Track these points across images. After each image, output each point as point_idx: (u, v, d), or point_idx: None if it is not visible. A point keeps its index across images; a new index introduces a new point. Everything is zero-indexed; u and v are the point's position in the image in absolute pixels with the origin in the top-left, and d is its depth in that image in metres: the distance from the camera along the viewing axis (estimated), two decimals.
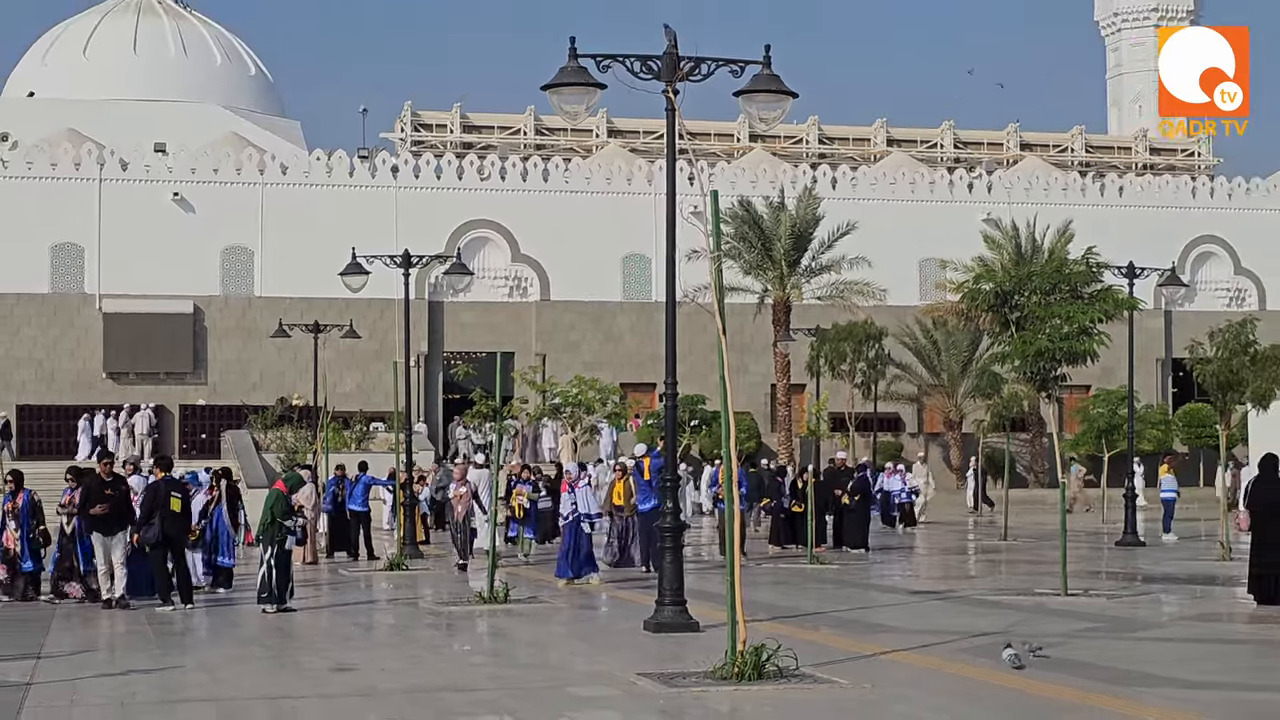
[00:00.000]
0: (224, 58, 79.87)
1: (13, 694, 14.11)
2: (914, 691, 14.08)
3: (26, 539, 22.52)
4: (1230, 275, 68.86)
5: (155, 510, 22.49)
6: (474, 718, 13.15)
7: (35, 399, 57.28)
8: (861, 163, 73.17)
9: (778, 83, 17.65)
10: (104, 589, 21.58)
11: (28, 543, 22.58)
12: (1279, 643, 18.27)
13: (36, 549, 22.82)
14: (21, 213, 58.70)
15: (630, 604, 21.61)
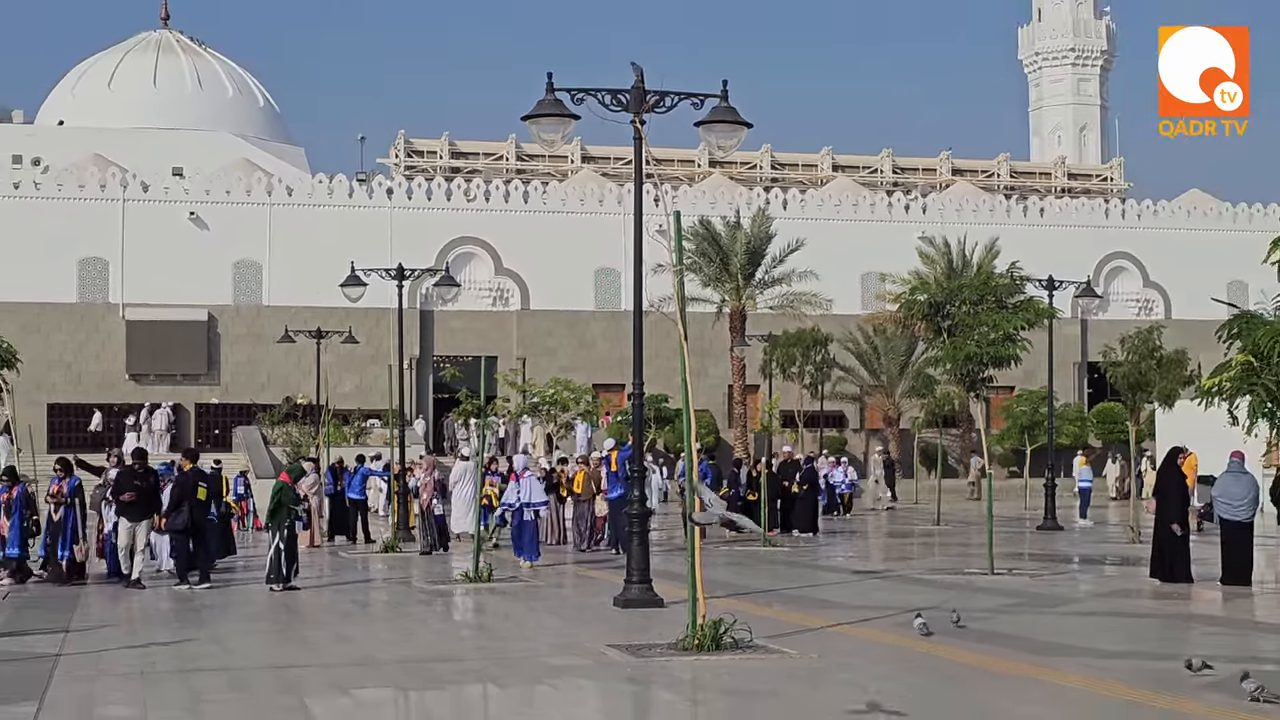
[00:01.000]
0: (235, 90, 79.75)
1: (44, 664, 14.07)
2: (857, 660, 14.11)
3: (19, 528, 22.16)
4: (1139, 288, 69.12)
5: (185, 499, 22.50)
6: (460, 685, 13.14)
7: (64, 398, 57.10)
8: (809, 186, 73.31)
9: (734, 114, 17.68)
10: (129, 569, 21.44)
11: (19, 531, 22.20)
12: (1180, 616, 18.37)
13: (26, 538, 22.46)
14: (52, 230, 58.51)
15: (601, 582, 21.65)
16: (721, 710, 11.92)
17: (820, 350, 52.79)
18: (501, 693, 12.73)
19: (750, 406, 55.76)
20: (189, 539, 22.36)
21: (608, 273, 62.12)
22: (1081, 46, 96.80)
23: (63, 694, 12.47)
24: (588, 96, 17.74)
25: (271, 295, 60.10)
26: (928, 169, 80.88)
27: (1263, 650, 14.85)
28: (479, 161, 75.30)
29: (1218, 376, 16.58)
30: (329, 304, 51.15)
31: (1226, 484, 21.85)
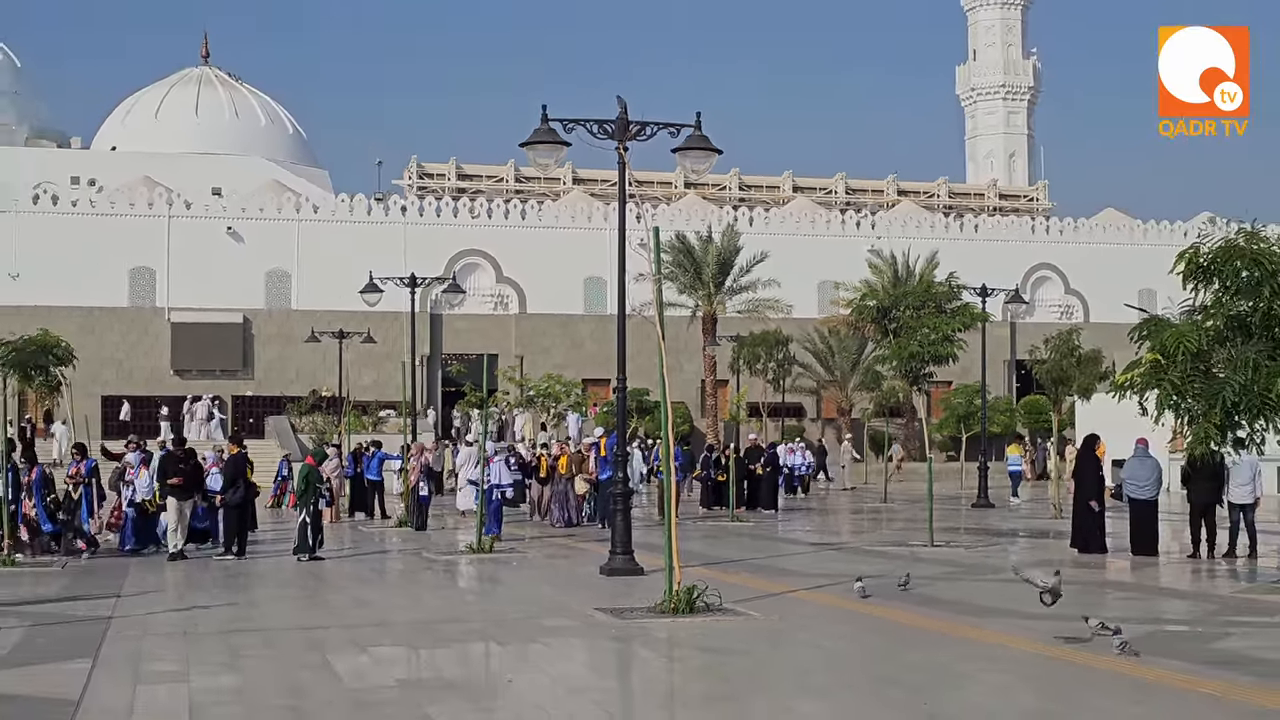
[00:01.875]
0: (267, 120, 79.55)
1: (98, 626, 14.06)
2: (814, 622, 14.15)
3: (41, 506, 21.83)
4: (1061, 295, 69.26)
5: (238, 478, 22.56)
6: (465, 643, 13.16)
7: (116, 391, 56.93)
8: (772, 205, 73.33)
9: (706, 142, 17.70)
10: (171, 544, 21.35)
11: (43, 509, 21.87)
12: (1094, 582, 18.44)
13: (52, 513, 22.07)
14: (105, 242, 58.41)
15: (588, 553, 21.64)
16: (695, 666, 11.94)
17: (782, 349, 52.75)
18: (501, 650, 12.74)
19: (720, 399, 55.73)
20: (239, 513, 22.40)
21: (595, 281, 62.08)
22: (1011, 83, 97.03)
23: (114, 651, 12.47)
24: (578, 126, 17.76)
25: (299, 300, 60.03)
26: (876, 190, 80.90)
27: (1165, 611, 14.92)
28: (482, 183, 75.22)
29: (1129, 373, 16.61)
30: (350, 308, 51.08)
31: (1133, 467, 22.00)
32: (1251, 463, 20.32)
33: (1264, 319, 15.22)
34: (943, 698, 10.15)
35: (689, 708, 10.21)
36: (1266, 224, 17.19)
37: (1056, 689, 10.35)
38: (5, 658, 12.16)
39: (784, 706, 9.81)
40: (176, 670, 11.51)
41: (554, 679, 11.17)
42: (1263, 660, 11.52)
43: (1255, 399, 15.06)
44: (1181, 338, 15.46)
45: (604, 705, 10.19)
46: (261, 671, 11.45)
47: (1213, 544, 21.05)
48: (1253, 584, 17.83)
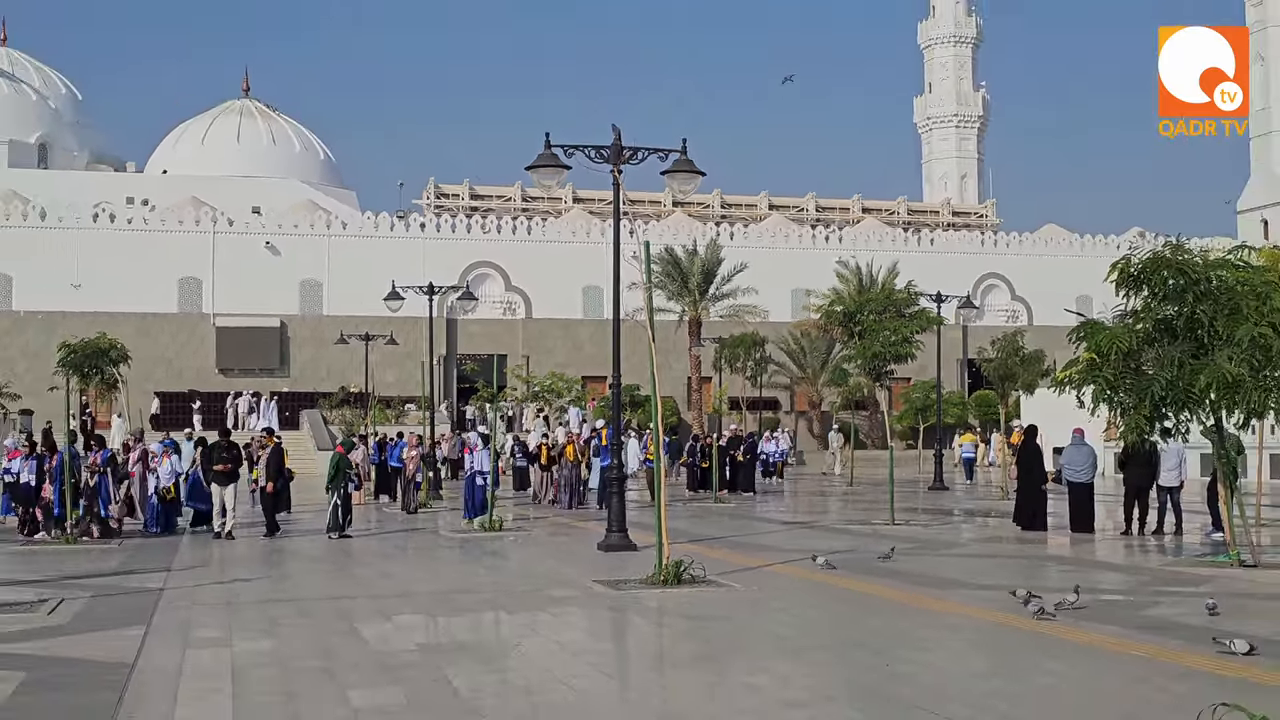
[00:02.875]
0: (302, 147, 79.44)
1: (150, 597, 14.04)
2: (789, 592, 14.15)
3: (59, 491, 20.90)
4: (1008, 301, 69.30)
5: (281, 468, 22.67)
6: (478, 612, 13.13)
7: (167, 388, 56.84)
8: (751, 221, 73.32)
9: (691, 165, 17.69)
10: (216, 524, 21.32)
11: (58, 494, 20.96)
12: (1038, 557, 18.46)
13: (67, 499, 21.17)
14: (158, 256, 58.35)
15: (588, 532, 21.63)
16: (682, 631, 11.93)
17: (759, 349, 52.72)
18: (510, 617, 12.72)
19: (704, 394, 55.78)
20: (273, 498, 22.39)
21: (593, 289, 62.04)
22: (963, 113, 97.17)
23: (165, 620, 12.44)
24: (577, 151, 17.74)
25: (330, 307, 59.95)
26: (843, 208, 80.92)
27: (1101, 582, 14.92)
28: (492, 201, 75.16)
29: (1068, 370, 16.63)
30: (375, 313, 50.97)
31: (1071, 454, 22.04)
32: (1178, 450, 20.37)
33: (1187, 322, 15.24)
34: (904, 659, 10.14)
35: (677, 668, 10.20)
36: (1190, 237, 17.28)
37: (1008, 653, 10.36)
38: (68, 625, 12.13)
39: (761, 666, 9.80)
40: (220, 636, 11.49)
41: (558, 643, 11.16)
42: (1187, 626, 11.52)
43: (1180, 393, 15.09)
44: (1114, 339, 15.48)
45: (601, 666, 10.18)
46: (296, 637, 11.42)
47: (1144, 522, 21.09)
48: (1179, 558, 17.84)
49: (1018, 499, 22.88)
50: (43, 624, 12.18)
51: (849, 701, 8.62)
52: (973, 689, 9.01)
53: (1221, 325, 14.88)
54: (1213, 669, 9.42)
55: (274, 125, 79.46)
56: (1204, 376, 14.72)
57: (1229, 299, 14.96)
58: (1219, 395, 14.95)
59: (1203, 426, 15.87)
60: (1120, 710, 8.29)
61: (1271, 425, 16.19)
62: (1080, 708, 8.40)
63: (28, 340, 55.57)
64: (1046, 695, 8.77)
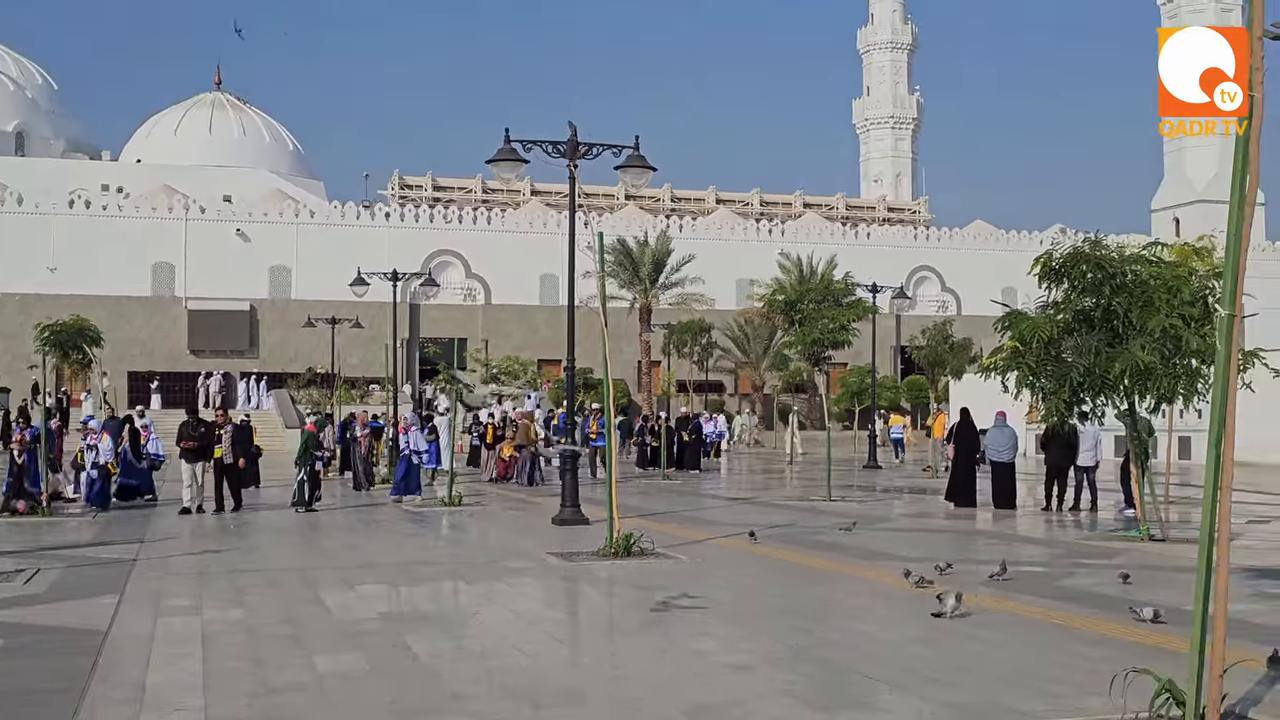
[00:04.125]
0: (271, 138, 78.73)
1: (124, 567, 13.92)
2: (732, 564, 14.21)
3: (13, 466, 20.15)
4: (938, 292, 69.82)
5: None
6: (437, 581, 13.12)
7: (141, 368, 56.37)
8: (699, 215, 73.38)
9: (643, 161, 17.67)
10: (185, 499, 20.66)
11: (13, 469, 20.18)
12: (964, 531, 18.63)
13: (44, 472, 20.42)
14: (132, 241, 57.73)
15: (542, 506, 21.62)
16: (631, 600, 11.96)
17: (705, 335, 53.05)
18: (469, 587, 12.71)
19: (654, 377, 55.91)
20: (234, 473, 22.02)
21: (549, 277, 61.95)
22: (898, 115, 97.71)
23: (138, 589, 12.33)
24: (535, 146, 17.67)
25: (298, 292, 59.55)
26: (785, 203, 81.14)
27: (1021, 555, 15.07)
28: (454, 193, 74.79)
29: (994, 357, 16.79)
30: (341, 298, 50.66)
31: (994, 435, 22.23)
32: (1094, 432, 20.62)
33: (1104, 313, 15.41)
34: (838, 627, 10.23)
35: (626, 635, 10.23)
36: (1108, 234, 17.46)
37: (935, 621, 10.45)
38: (44, 594, 12.01)
39: (703, 631, 9.85)
40: (191, 605, 11.40)
41: (514, 612, 11.17)
42: (1101, 595, 11.69)
43: (1097, 379, 15.27)
44: (1036, 328, 15.63)
45: (554, 634, 10.20)
46: (263, 606, 11.36)
47: (1062, 499, 21.34)
48: (1094, 533, 18.08)
49: (950, 476, 23.02)
50: (19, 593, 12.05)
51: (788, 666, 8.68)
52: (902, 653, 9.10)
53: (1135, 316, 15.05)
54: (1125, 636, 9.56)
55: (244, 117, 78.70)
56: (1119, 364, 14.90)
57: (1143, 292, 15.14)
58: (1132, 382, 15.14)
59: (1117, 410, 16.08)
60: (1041, 674, 8.40)
61: (1180, 410, 16.39)
62: (1003, 672, 8.51)
63: (4, 321, 54.81)
64: (972, 660, 8.87)
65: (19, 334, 50.51)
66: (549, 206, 68.59)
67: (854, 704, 7.66)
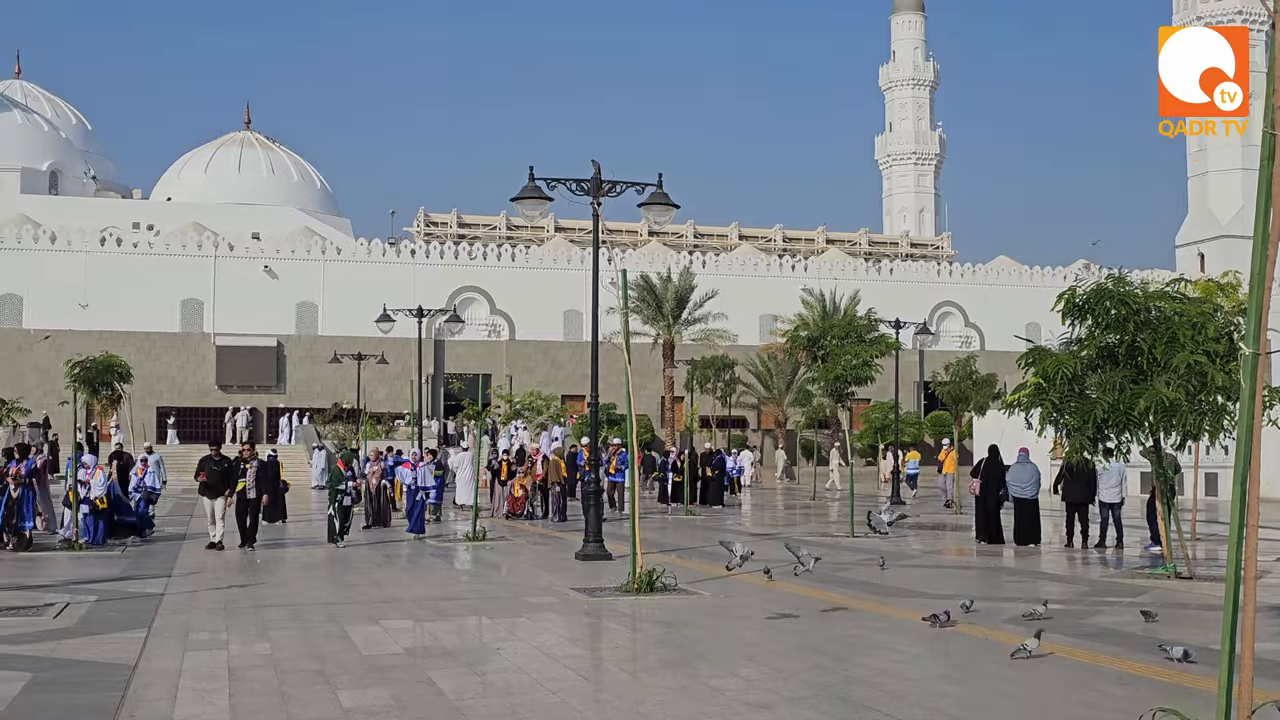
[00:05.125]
0: (299, 176, 79.33)
1: (152, 601, 13.97)
2: (753, 600, 14.15)
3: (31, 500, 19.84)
4: (962, 327, 69.61)
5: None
6: (462, 617, 13.10)
7: (170, 403, 56.63)
8: (722, 251, 73.45)
9: (666, 198, 17.75)
10: (211, 534, 20.66)
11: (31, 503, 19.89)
12: (986, 567, 18.51)
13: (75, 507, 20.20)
14: (162, 278, 58.11)
15: (566, 541, 21.59)
16: (654, 636, 11.92)
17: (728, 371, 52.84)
18: (492, 622, 12.69)
19: (677, 412, 55.81)
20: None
21: (573, 313, 62.07)
22: (921, 151, 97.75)
23: (166, 623, 12.37)
24: (559, 184, 17.77)
25: (324, 328, 59.78)
26: (808, 239, 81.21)
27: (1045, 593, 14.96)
28: (479, 230, 75.14)
29: (1017, 393, 16.71)
30: (367, 334, 50.92)
31: (1016, 471, 22.08)
32: (1119, 469, 20.46)
33: (1128, 350, 15.34)
34: (861, 663, 10.16)
35: (648, 672, 10.19)
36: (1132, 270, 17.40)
37: (959, 658, 10.38)
38: (74, 628, 12.06)
39: (728, 670, 9.81)
40: (218, 639, 11.43)
41: (536, 647, 11.14)
42: (1126, 634, 11.58)
43: (1121, 416, 15.18)
44: (1060, 364, 15.57)
45: (577, 670, 10.17)
46: (289, 640, 11.37)
47: (1086, 536, 21.19)
48: (1119, 570, 17.93)
49: (978, 513, 22.83)
50: (49, 627, 12.10)
51: (810, 704, 8.63)
52: (925, 692, 9.03)
53: (1160, 353, 14.98)
54: (1151, 674, 9.47)
55: (273, 156, 79.36)
56: (1143, 400, 14.82)
57: (1167, 328, 15.07)
58: (1157, 418, 15.05)
59: (1142, 447, 15.97)
60: (1065, 713, 8.32)
61: (1206, 446, 16.27)
62: (1028, 711, 8.43)
63: (38, 357, 55.24)
64: (995, 699, 8.80)
65: (52, 369, 50.92)
66: (573, 243, 68.80)
67: None
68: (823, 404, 56.61)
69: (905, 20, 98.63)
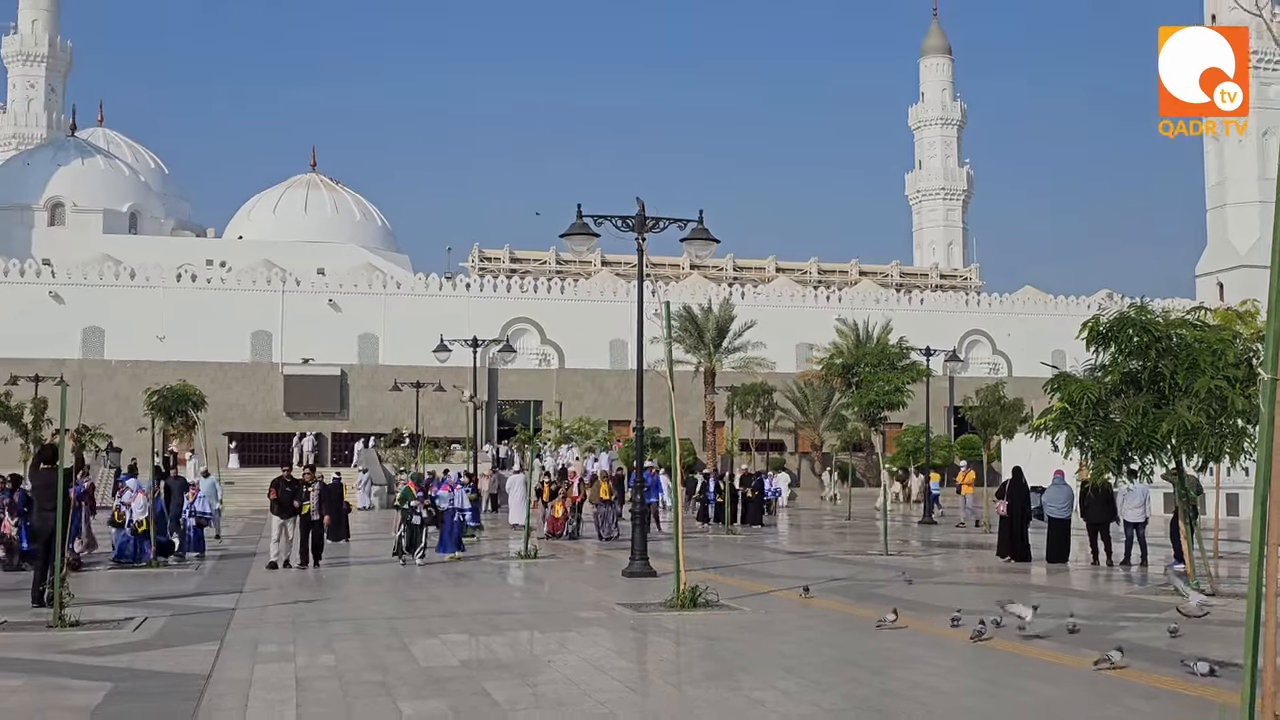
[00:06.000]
0: (362, 215, 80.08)
1: (224, 616, 14.08)
2: (792, 615, 14.06)
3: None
4: (989, 355, 69.11)
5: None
6: (514, 631, 13.10)
7: (241, 429, 57.14)
8: (760, 283, 73.43)
9: (707, 233, 17.79)
10: (271, 553, 20.69)
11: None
12: (1018, 585, 18.30)
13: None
14: (233, 312, 58.79)
15: (614, 559, 21.57)
16: (697, 650, 11.87)
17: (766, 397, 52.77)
18: (543, 636, 12.69)
19: (718, 436, 55.63)
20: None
21: (619, 343, 62.16)
22: (949, 187, 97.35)
23: (237, 636, 12.46)
24: (606, 221, 17.84)
25: (385, 357, 60.21)
26: (842, 271, 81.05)
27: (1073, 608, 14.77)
28: (529, 264, 75.57)
29: (1044, 418, 16.58)
30: (425, 364, 51.25)
31: (1051, 493, 21.89)
32: (1143, 490, 20.26)
33: (1151, 375, 15.20)
34: (897, 676, 10.07)
35: (692, 684, 10.15)
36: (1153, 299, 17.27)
37: (990, 672, 10.27)
38: (150, 640, 12.17)
39: (768, 683, 9.75)
40: (286, 651, 11.49)
41: (585, 660, 11.12)
42: (1152, 649, 11.42)
43: (1144, 439, 15.02)
44: (1085, 390, 15.44)
45: (624, 681, 10.15)
46: (353, 652, 11.42)
47: (1110, 554, 20.96)
48: (1143, 586, 17.69)
49: (1002, 532, 22.60)
50: (128, 640, 12.22)
51: (846, 716, 8.56)
52: (959, 704, 8.94)
53: (1181, 378, 14.83)
54: (1176, 688, 9.33)
55: (337, 196, 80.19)
56: (1166, 424, 14.67)
57: (1188, 355, 14.92)
58: (1179, 441, 14.89)
59: (1165, 469, 15.79)
60: None
61: (1227, 468, 16.06)
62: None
63: (118, 386, 55.95)
64: (1025, 711, 8.69)
65: (131, 398, 51.53)
66: (618, 276, 68.98)
67: None
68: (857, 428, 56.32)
69: (933, 63, 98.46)
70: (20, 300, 57.45)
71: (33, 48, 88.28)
